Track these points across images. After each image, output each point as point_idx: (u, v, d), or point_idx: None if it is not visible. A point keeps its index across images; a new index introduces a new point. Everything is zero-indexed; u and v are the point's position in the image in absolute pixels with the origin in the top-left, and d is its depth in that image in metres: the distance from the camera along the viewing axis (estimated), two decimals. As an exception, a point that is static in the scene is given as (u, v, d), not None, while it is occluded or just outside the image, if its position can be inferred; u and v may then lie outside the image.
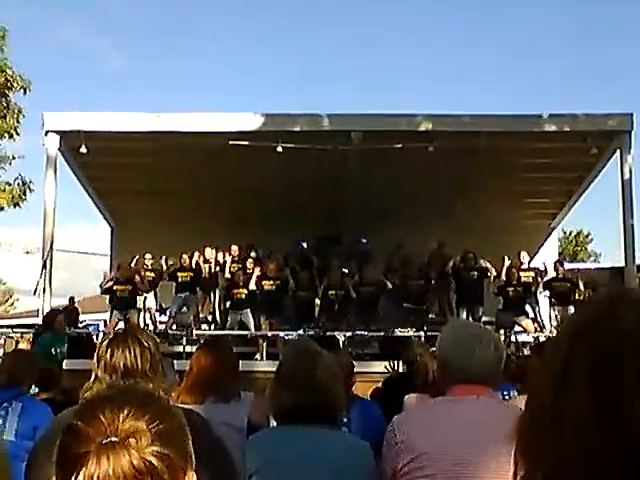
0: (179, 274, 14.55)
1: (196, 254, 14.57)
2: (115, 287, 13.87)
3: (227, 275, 14.49)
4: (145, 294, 14.46)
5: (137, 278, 14.02)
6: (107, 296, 14.35)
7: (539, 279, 14.36)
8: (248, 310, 14.02)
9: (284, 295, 14.25)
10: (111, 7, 60.49)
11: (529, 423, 0.94)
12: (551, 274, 14.28)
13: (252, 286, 13.89)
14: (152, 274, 14.49)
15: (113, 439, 1.09)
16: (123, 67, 64.80)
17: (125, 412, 1.12)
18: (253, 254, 14.86)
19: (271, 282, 14.00)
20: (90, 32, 68.43)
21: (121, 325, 13.76)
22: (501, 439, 2.16)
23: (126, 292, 13.85)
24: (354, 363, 5.21)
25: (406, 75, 67.57)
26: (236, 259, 14.73)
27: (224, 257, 14.82)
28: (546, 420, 0.89)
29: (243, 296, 14.03)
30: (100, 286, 14.26)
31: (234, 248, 14.86)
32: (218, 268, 14.76)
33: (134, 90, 64.99)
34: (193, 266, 14.56)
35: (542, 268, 14.68)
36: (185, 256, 14.51)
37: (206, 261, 14.69)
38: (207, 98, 59.86)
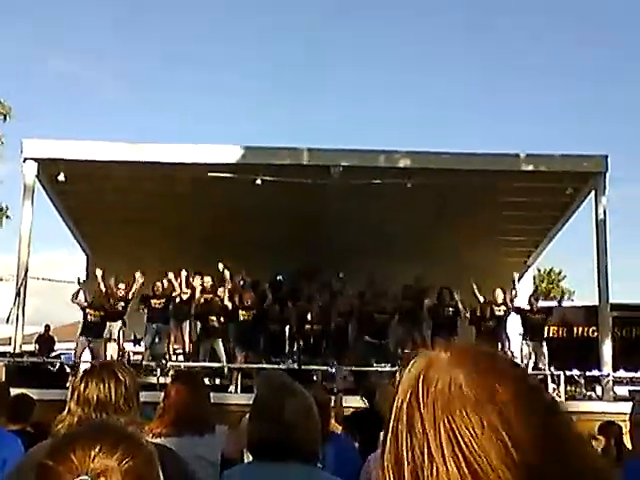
0: (152, 301, 14.37)
1: (171, 276, 14.40)
2: (88, 311, 13.73)
3: (201, 301, 14.37)
4: (113, 322, 14.23)
5: (107, 306, 13.88)
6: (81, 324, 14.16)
7: (510, 305, 14.33)
8: (220, 339, 13.92)
9: (259, 326, 14.16)
10: (102, 37, 60.69)
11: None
12: (525, 307, 14.34)
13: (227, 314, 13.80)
14: (122, 304, 14.28)
15: (83, 478, 1.10)
16: (113, 96, 64.78)
17: (96, 449, 1.14)
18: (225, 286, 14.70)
19: (247, 312, 13.91)
20: (78, 61, 68.53)
21: (86, 353, 13.60)
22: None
23: (98, 318, 13.71)
24: (330, 398, 5.19)
25: (383, 112, 68.21)
26: (209, 289, 14.58)
27: (196, 285, 14.68)
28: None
29: (215, 324, 13.94)
30: (73, 295, 14.02)
31: (207, 279, 14.68)
32: (189, 296, 14.58)
33: (122, 119, 64.89)
34: (166, 293, 14.41)
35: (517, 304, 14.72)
36: (158, 284, 14.37)
37: (180, 288, 14.50)
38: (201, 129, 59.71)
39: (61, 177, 13.67)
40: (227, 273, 14.28)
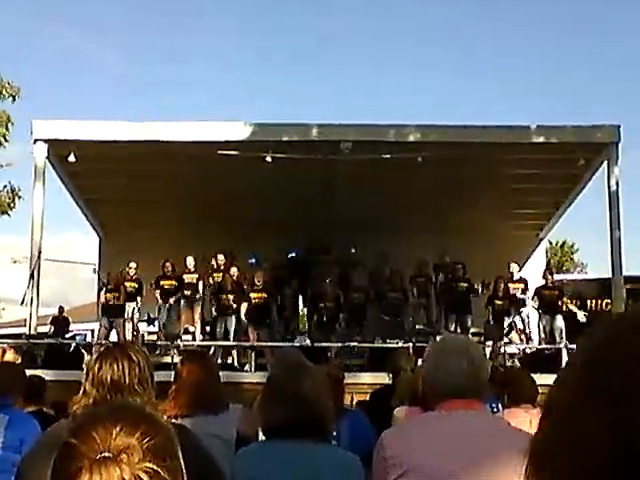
0: (162, 282, 14.45)
1: (189, 260, 14.49)
2: (106, 295, 13.87)
3: (215, 280, 14.45)
4: (129, 303, 14.36)
5: (122, 288, 14.01)
6: (96, 305, 14.32)
7: (528, 290, 14.39)
8: (233, 317, 14.00)
9: (272, 304, 14.22)
10: (107, 10, 60.23)
11: (541, 446, 0.94)
12: (540, 283, 14.32)
13: (242, 308, 13.90)
14: (135, 284, 14.38)
15: (106, 455, 1.13)
16: (120, 72, 64.50)
17: (117, 429, 1.16)
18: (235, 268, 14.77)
19: (259, 294, 13.97)
20: (85, 35, 68.26)
21: (111, 335, 13.75)
22: (492, 453, 2.18)
23: (115, 300, 13.83)
24: (344, 374, 5.22)
25: (394, 85, 67.83)
26: (222, 268, 14.66)
27: (211, 264, 14.77)
28: (557, 445, 0.90)
29: (229, 302, 14.01)
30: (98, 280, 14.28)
31: (220, 257, 14.79)
32: (199, 277, 14.67)
33: (130, 96, 64.62)
34: (177, 274, 14.50)
35: (530, 279, 14.72)
36: (168, 264, 14.43)
37: (189, 270, 14.60)
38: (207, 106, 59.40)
39: (71, 158, 13.68)
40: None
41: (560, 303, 14.07)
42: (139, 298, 14.51)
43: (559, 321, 13.72)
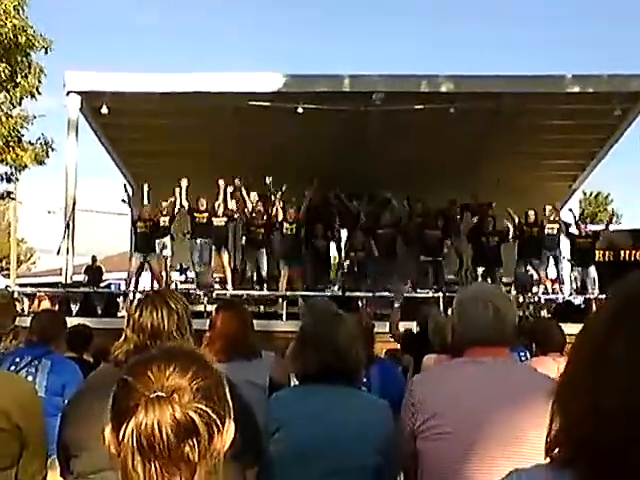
0: (196, 214, 14.35)
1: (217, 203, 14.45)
2: (137, 224, 13.98)
3: (246, 214, 14.45)
4: (161, 239, 14.45)
5: (156, 219, 14.11)
6: (128, 254, 14.38)
7: (563, 232, 14.20)
8: (264, 250, 14.08)
9: (303, 240, 14.21)
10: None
11: (569, 386, 1.00)
12: (574, 232, 14.19)
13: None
14: (167, 218, 14.39)
15: (159, 394, 1.23)
16: (151, 24, 64.20)
17: (171, 369, 1.27)
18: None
19: (291, 225, 13.99)
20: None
21: (142, 276, 13.84)
22: (518, 398, 2.25)
23: (147, 229, 13.92)
24: (374, 323, 5.30)
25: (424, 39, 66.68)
26: (254, 203, 14.61)
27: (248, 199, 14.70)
28: (585, 385, 0.96)
29: (260, 236, 14.08)
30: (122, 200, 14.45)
31: (253, 194, 14.72)
32: (228, 219, 14.53)
33: (162, 48, 64.39)
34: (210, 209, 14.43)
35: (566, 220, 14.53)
36: (202, 200, 14.36)
37: (216, 214, 14.52)
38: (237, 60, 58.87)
39: (104, 109, 13.76)
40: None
41: (593, 253, 13.98)
42: (169, 239, 14.58)
43: (592, 272, 13.65)
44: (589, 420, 0.93)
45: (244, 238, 14.65)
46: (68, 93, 13.87)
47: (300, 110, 13.43)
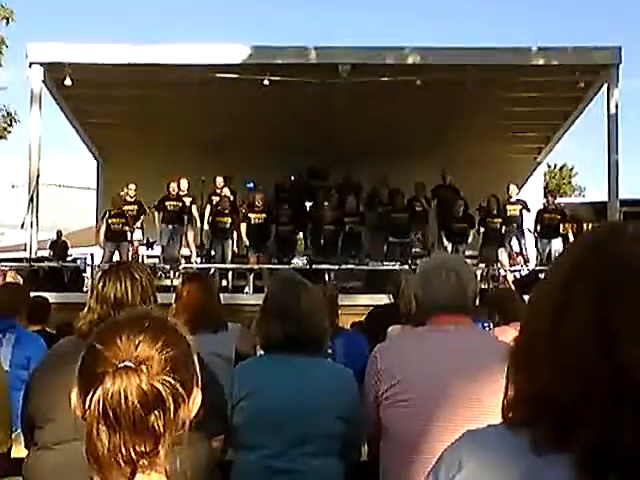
0: (167, 203, 14.34)
1: (183, 182, 14.46)
2: (110, 220, 13.90)
3: (213, 202, 14.46)
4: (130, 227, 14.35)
5: (126, 213, 14.03)
6: (94, 230, 14.30)
7: (524, 212, 14.39)
8: (230, 240, 14.09)
9: (270, 227, 14.27)
10: None
11: (525, 345, 1.00)
12: (541, 206, 14.33)
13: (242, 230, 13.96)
14: (135, 207, 14.36)
15: (127, 364, 1.23)
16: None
17: (140, 338, 1.26)
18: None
19: (258, 214, 14.01)
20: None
21: (114, 258, 13.83)
22: (479, 364, 2.29)
23: (119, 225, 13.89)
24: (339, 295, 5.32)
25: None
26: (220, 192, 14.63)
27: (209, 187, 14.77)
28: (543, 343, 0.95)
29: (227, 225, 14.10)
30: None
31: (219, 180, 14.77)
32: (192, 200, 14.61)
33: (129, 20, 63.42)
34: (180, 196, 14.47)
35: (528, 202, 14.70)
36: (173, 184, 14.34)
37: (184, 193, 14.55)
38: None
39: (67, 81, 13.53)
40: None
41: (561, 226, 14.14)
42: (138, 222, 14.54)
43: (558, 243, 13.81)
44: (549, 378, 0.92)
45: (210, 226, 14.57)
46: (30, 65, 13.61)
47: (266, 82, 13.34)
